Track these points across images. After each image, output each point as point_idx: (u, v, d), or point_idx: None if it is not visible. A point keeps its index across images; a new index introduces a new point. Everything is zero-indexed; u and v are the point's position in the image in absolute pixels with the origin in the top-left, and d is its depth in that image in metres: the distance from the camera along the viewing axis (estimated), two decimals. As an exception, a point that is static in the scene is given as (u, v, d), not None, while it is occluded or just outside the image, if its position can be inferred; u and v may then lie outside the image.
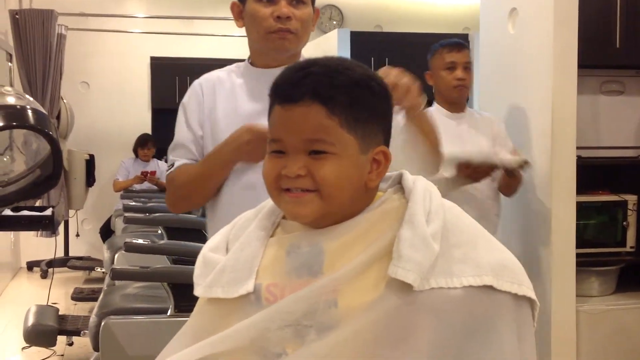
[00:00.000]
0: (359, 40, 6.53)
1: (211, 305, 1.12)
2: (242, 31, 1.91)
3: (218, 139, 1.83)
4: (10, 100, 2.56)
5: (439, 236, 1.04)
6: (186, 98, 1.92)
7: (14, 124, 2.52)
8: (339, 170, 1.05)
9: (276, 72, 1.62)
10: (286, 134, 1.07)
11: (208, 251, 1.17)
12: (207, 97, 1.88)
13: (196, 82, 1.93)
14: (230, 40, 7.27)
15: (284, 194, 1.08)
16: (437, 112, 2.90)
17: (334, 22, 7.99)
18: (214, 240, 1.19)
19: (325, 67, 1.08)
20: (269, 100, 1.12)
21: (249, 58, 1.94)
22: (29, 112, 2.52)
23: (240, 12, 1.89)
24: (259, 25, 1.82)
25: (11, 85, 6.23)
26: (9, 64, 6.54)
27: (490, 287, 1.03)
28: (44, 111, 2.62)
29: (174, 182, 1.88)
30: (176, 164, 1.87)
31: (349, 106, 1.06)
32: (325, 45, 6.52)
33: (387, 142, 1.12)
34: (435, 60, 3.01)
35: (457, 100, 2.99)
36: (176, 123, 1.93)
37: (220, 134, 1.83)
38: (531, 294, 1.07)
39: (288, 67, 1.11)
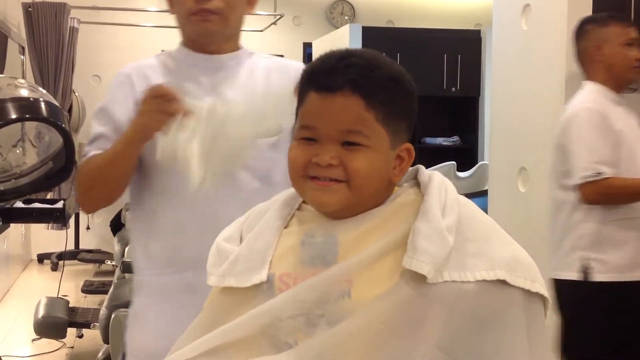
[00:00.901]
0: (370, 35, 6.52)
1: (224, 295, 1.12)
2: (255, 25, 1.89)
3: None
4: (24, 92, 2.57)
5: (453, 230, 1.04)
6: (112, 88, 1.75)
7: (27, 116, 2.53)
8: (372, 163, 1.06)
9: (216, 58, 1.71)
10: (321, 123, 1.06)
11: (222, 241, 1.17)
12: (140, 85, 1.70)
13: (121, 72, 1.76)
14: (242, 35, 7.26)
15: (309, 181, 1.08)
16: (601, 95, 2.61)
17: (346, 17, 7.99)
18: (228, 230, 1.20)
19: (365, 59, 1.07)
20: (300, 87, 1.11)
21: (181, 43, 1.80)
22: (42, 105, 2.53)
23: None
24: (180, 7, 1.70)
25: (23, 77, 6.25)
26: (22, 56, 6.56)
27: (503, 282, 1.03)
28: (56, 103, 2.62)
29: (78, 174, 1.72)
30: (89, 155, 1.69)
31: (386, 101, 1.06)
32: (337, 40, 6.51)
33: (410, 140, 1.13)
34: (613, 33, 2.61)
35: (630, 82, 2.69)
36: (94, 117, 1.76)
37: None
38: (544, 291, 1.07)
39: (326, 54, 1.10)
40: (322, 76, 1.07)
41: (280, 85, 1.68)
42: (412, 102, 1.12)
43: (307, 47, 7.73)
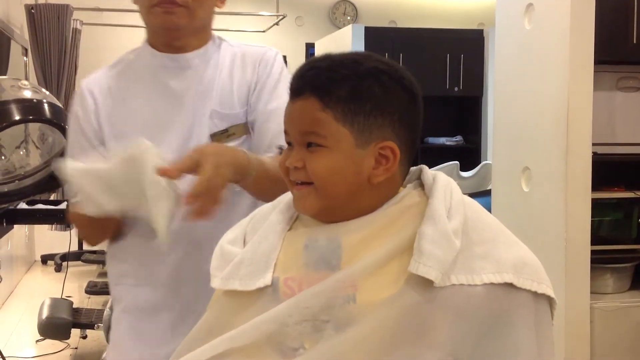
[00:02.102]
0: (373, 35, 6.52)
1: (228, 298, 1.12)
2: (257, 26, 1.85)
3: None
4: (27, 94, 2.58)
5: (460, 232, 1.03)
6: (74, 109, 1.64)
7: (31, 117, 2.54)
8: (330, 163, 1.05)
9: (181, 57, 1.60)
10: (289, 127, 1.10)
11: (226, 243, 1.17)
12: (103, 97, 1.61)
13: (82, 84, 1.66)
14: (245, 35, 7.27)
15: (293, 187, 1.11)
16: None
17: (348, 18, 7.98)
18: (232, 232, 1.20)
19: (332, 60, 1.08)
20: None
21: (146, 40, 1.68)
22: (45, 106, 2.53)
23: None
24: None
25: (26, 79, 6.26)
26: (25, 58, 6.57)
27: (511, 285, 1.03)
28: (60, 105, 2.63)
29: (75, 223, 1.61)
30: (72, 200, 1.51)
31: (347, 99, 1.05)
32: (340, 40, 6.51)
33: (401, 137, 1.08)
34: None
35: None
36: (68, 145, 1.66)
37: (130, 133, 1.53)
38: (550, 292, 1.07)
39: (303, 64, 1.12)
40: (292, 82, 1.10)
41: (242, 79, 1.63)
42: (393, 98, 1.07)
43: (310, 47, 7.73)
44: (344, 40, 6.40)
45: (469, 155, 6.88)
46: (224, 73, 1.63)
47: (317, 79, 1.06)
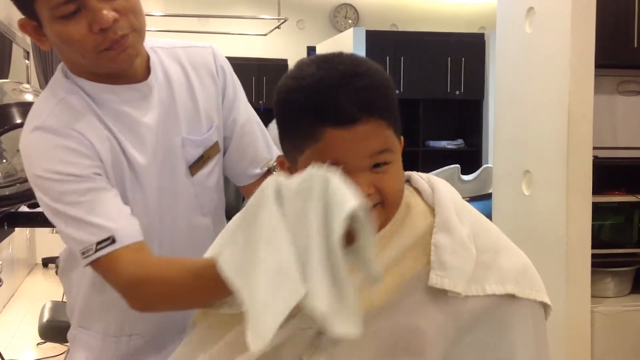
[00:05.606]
0: (374, 39, 6.53)
1: (221, 316, 1.12)
2: (259, 29, 1.80)
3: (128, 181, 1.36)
4: (28, 97, 2.59)
5: (472, 238, 1.03)
6: (61, 157, 1.30)
7: (32, 120, 2.54)
8: (397, 176, 1.04)
9: (143, 86, 1.36)
10: (351, 155, 0.99)
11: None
12: (94, 136, 1.31)
13: (51, 127, 1.33)
14: (245, 39, 7.29)
15: None
16: None
17: (350, 21, 8.00)
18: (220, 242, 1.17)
19: (362, 76, 1.01)
20: (301, 120, 1.01)
21: (67, 70, 1.40)
22: (47, 109, 2.53)
23: (36, 31, 1.36)
24: (82, 48, 1.27)
25: (28, 82, 6.27)
26: (26, 61, 6.58)
27: (512, 295, 1.03)
28: (61, 108, 2.63)
29: (141, 286, 1.22)
30: (113, 248, 1.26)
31: (393, 110, 1.04)
32: (341, 44, 6.52)
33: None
34: None
35: None
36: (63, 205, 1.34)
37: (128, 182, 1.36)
38: (547, 299, 1.07)
39: (319, 86, 1.01)
40: (333, 110, 0.98)
41: (204, 96, 1.46)
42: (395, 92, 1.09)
43: (311, 51, 7.73)
44: (345, 44, 6.41)
45: (470, 158, 6.89)
46: (183, 90, 1.43)
47: (371, 99, 1.00)
